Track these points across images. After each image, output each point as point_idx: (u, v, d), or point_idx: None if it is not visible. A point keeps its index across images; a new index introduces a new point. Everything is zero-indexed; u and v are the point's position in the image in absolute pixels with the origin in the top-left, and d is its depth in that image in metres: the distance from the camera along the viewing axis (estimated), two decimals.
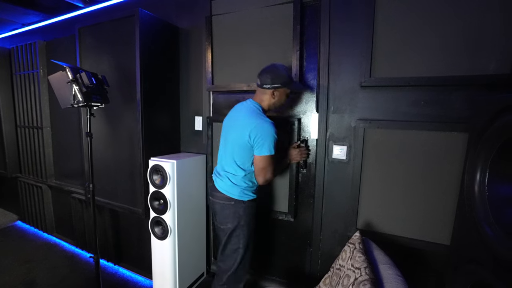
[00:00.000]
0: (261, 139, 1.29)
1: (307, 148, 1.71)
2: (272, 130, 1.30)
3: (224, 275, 1.45)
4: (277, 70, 1.36)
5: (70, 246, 2.64)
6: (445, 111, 1.32)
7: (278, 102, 1.41)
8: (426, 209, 1.38)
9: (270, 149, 1.31)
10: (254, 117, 1.33)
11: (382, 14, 1.40)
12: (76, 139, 2.41)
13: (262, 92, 1.39)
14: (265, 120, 1.32)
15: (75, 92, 1.37)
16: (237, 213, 1.39)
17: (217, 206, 1.44)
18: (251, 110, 1.37)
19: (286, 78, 1.37)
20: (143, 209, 1.85)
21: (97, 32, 1.93)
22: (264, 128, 1.29)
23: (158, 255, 1.83)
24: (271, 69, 1.37)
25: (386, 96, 1.45)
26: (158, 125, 1.92)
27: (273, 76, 1.34)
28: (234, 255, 1.42)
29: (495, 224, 0.82)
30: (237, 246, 1.42)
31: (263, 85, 1.36)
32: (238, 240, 1.41)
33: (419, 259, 1.45)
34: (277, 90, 1.37)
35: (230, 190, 1.40)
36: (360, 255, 1.13)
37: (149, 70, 1.79)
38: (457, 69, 1.28)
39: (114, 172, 1.98)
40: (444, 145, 1.32)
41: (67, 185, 2.57)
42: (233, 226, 1.40)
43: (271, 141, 1.30)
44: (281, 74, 1.35)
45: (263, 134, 1.29)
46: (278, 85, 1.35)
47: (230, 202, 1.40)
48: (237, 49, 1.83)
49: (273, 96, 1.38)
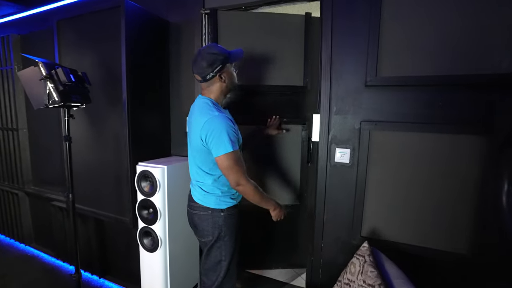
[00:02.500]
0: (214, 137, 1.12)
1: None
2: (223, 123, 1.13)
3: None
4: (208, 53, 1.17)
5: (50, 258, 2.44)
6: (458, 112, 1.24)
7: (230, 82, 1.26)
8: (438, 216, 1.31)
9: (227, 146, 1.12)
10: (203, 114, 1.18)
11: (388, 10, 1.32)
12: (56, 142, 2.22)
13: (209, 84, 1.23)
14: (213, 115, 1.15)
15: (49, 90, 1.20)
16: (217, 223, 1.26)
17: (196, 218, 1.32)
18: (201, 108, 1.22)
19: (222, 54, 1.19)
20: (131, 219, 1.70)
21: (78, 25, 1.76)
22: (213, 124, 1.13)
23: (148, 268, 1.68)
24: (201, 55, 1.18)
25: (393, 96, 1.36)
26: (146, 127, 1.78)
27: (209, 60, 1.16)
28: (218, 268, 1.30)
29: None
30: (219, 259, 1.29)
31: (206, 76, 1.19)
32: (220, 252, 1.28)
33: (433, 269, 1.36)
34: (223, 71, 1.20)
35: (204, 199, 1.28)
36: (372, 269, 1.04)
37: (136, 67, 1.64)
38: (469, 68, 1.20)
39: (98, 179, 1.82)
40: (457, 149, 1.24)
41: (47, 192, 2.37)
42: (214, 238, 1.27)
43: (226, 136, 1.12)
44: (214, 53, 1.18)
45: (214, 131, 1.12)
46: (220, 65, 1.18)
47: (207, 212, 1.27)
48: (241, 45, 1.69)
49: (222, 79, 1.22)
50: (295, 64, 1.94)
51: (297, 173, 2.09)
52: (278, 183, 2.09)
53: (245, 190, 1.20)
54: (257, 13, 1.85)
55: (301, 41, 1.91)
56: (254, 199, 1.23)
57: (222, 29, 1.80)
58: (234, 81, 1.29)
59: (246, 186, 1.18)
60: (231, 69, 1.27)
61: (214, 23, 1.77)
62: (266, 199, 1.27)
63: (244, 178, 1.17)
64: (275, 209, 1.33)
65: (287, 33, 1.89)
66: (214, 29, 1.77)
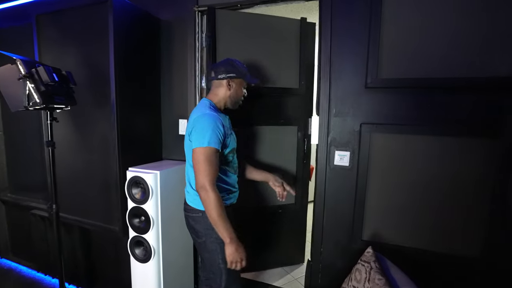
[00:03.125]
0: (197, 130, 1.12)
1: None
2: (210, 120, 1.12)
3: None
4: (232, 63, 1.26)
5: (30, 271, 2.27)
6: (458, 115, 1.25)
7: (234, 95, 1.27)
8: (442, 218, 1.30)
9: (204, 140, 1.09)
10: (197, 111, 1.20)
11: (389, 11, 1.30)
12: (37, 146, 2.05)
13: (217, 85, 1.26)
14: (205, 112, 1.16)
15: (29, 91, 1.09)
16: (208, 225, 1.16)
17: (190, 221, 1.28)
18: (198, 107, 1.24)
19: (242, 70, 1.27)
20: (121, 227, 1.60)
21: (61, 20, 1.63)
22: (201, 119, 1.13)
23: (139, 280, 1.58)
24: (226, 61, 1.28)
25: (394, 98, 1.35)
26: (136, 130, 1.68)
27: (228, 67, 1.25)
28: (218, 272, 1.24)
29: None
30: (217, 262, 1.22)
31: (218, 75, 1.24)
32: (217, 256, 1.21)
33: (439, 273, 1.35)
34: (233, 80, 1.25)
35: (195, 201, 1.23)
36: (379, 277, 1.01)
37: (125, 67, 1.54)
38: (469, 70, 1.21)
39: (85, 185, 1.70)
40: (459, 151, 1.24)
41: (26, 200, 2.20)
42: (208, 240, 1.21)
43: (208, 132, 1.09)
44: (236, 66, 1.26)
45: (200, 124, 1.12)
46: (234, 74, 1.24)
47: (198, 214, 1.21)
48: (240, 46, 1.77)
49: (229, 87, 1.25)
50: (291, 67, 1.98)
51: (293, 172, 2.11)
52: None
53: (204, 197, 1.09)
54: (255, 14, 1.84)
55: (297, 45, 1.96)
56: (210, 213, 1.09)
57: (220, 29, 1.75)
58: (238, 96, 1.30)
59: (208, 193, 1.08)
60: (242, 86, 1.29)
61: (212, 22, 1.72)
62: (225, 223, 1.09)
63: (210, 183, 1.09)
64: (231, 245, 1.09)
65: (283, 37, 1.92)
66: (212, 28, 1.72)
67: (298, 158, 2.09)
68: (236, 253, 1.10)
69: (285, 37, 1.92)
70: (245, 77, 1.29)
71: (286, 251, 2.25)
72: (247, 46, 1.84)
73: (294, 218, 2.20)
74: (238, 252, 1.10)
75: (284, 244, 2.23)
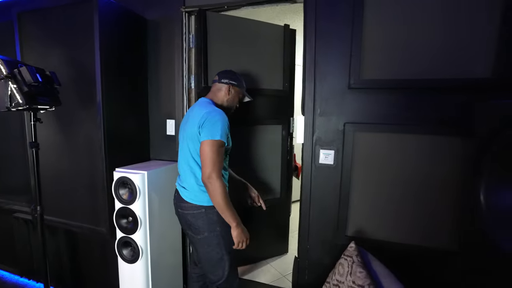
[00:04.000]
0: (209, 123, 1.20)
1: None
2: (222, 116, 1.23)
3: (214, 285, 1.35)
4: (236, 74, 1.43)
5: (12, 276, 2.20)
6: (435, 114, 1.31)
7: (231, 101, 1.41)
8: (421, 213, 1.36)
9: (215, 133, 1.18)
10: (205, 108, 1.28)
11: (371, 13, 1.35)
12: (18, 147, 2.00)
13: (218, 88, 1.39)
14: (215, 109, 1.27)
15: (12, 91, 1.07)
16: (211, 219, 1.27)
17: (189, 217, 1.30)
18: (202, 105, 1.33)
19: (242, 83, 1.43)
20: (108, 229, 1.59)
21: (43, 19, 1.60)
22: (213, 114, 1.22)
23: (128, 280, 1.58)
24: (231, 71, 1.44)
25: (375, 98, 1.40)
26: (123, 130, 1.67)
27: (232, 76, 1.40)
28: (222, 264, 1.31)
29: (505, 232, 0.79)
30: (221, 255, 1.30)
31: (221, 80, 1.38)
32: (220, 249, 1.29)
33: (421, 267, 1.41)
34: (233, 88, 1.39)
35: (197, 198, 1.27)
36: (361, 270, 1.06)
37: (111, 67, 1.53)
38: (445, 72, 1.27)
39: (70, 187, 1.67)
40: (436, 149, 1.31)
41: (8, 203, 2.13)
42: (210, 235, 1.28)
43: (219, 126, 1.19)
44: (239, 78, 1.42)
45: (212, 118, 1.21)
46: (235, 83, 1.39)
47: (201, 210, 1.27)
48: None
49: (228, 92, 1.38)
50: (276, 70, 2.11)
51: (278, 168, 2.24)
52: (260, 177, 2.20)
53: (213, 187, 1.17)
54: (244, 19, 1.92)
55: (281, 49, 2.10)
56: (219, 201, 1.18)
57: (210, 32, 1.81)
58: (233, 103, 1.43)
59: (216, 182, 1.16)
60: (239, 96, 1.43)
61: (203, 25, 1.76)
62: (231, 209, 1.22)
63: (217, 173, 1.17)
64: (238, 227, 1.23)
65: (269, 41, 2.05)
66: (203, 30, 1.77)
67: (283, 153, 2.24)
68: (242, 234, 1.25)
69: (270, 42, 2.05)
70: (243, 90, 1.44)
71: (270, 244, 2.37)
72: (235, 49, 1.92)
73: (278, 211, 2.33)
74: (244, 233, 1.26)
75: (268, 236, 2.33)
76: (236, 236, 1.24)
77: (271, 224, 2.30)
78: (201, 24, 1.75)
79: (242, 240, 1.25)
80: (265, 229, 2.26)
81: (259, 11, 1.88)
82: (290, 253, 2.44)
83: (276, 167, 2.24)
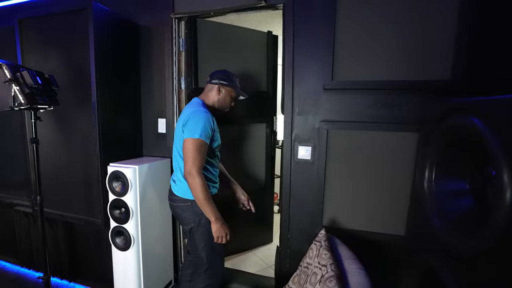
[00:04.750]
0: (191, 122, 1.28)
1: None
2: (204, 116, 1.30)
3: (200, 271, 1.47)
4: (227, 74, 1.47)
5: (13, 267, 2.33)
6: (399, 113, 1.44)
7: (222, 101, 1.47)
8: (384, 204, 1.50)
9: (196, 132, 1.25)
10: (192, 107, 1.37)
11: (342, 18, 1.48)
12: (19, 144, 2.13)
13: (210, 88, 1.46)
14: (200, 109, 1.35)
15: (15, 93, 1.20)
16: (197, 212, 1.36)
17: (177, 210, 1.43)
18: (192, 104, 1.43)
19: (234, 82, 1.47)
20: (102, 219, 1.71)
21: (42, 25, 1.73)
22: (196, 114, 1.30)
23: (121, 267, 1.71)
24: (222, 71, 1.49)
25: (347, 98, 1.53)
26: (117, 129, 1.79)
27: (223, 75, 1.45)
28: (203, 253, 1.42)
29: (440, 216, 0.92)
30: (203, 245, 1.40)
31: (213, 80, 1.45)
32: (203, 238, 1.39)
33: (380, 251, 1.55)
34: (224, 87, 1.45)
35: (185, 192, 1.38)
36: (326, 252, 1.18)
37: (106, 69, 1.66)
38: (408, 74, 1.40)
39: (68, 181, 1.80)
40: (399, 144, 1.44)
41: (9, 197, 2.26)
42: (195, 225, 1.39)
43: (201, 125, 1.27)
44: (230, 77, 1.47)
45: (194, 118, 1.29)
46: (225, 83, 1.44)
47: (187, 203, 1.38)
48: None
49: (219, 92, 1.45)
50: (260, 72, 2.28)
51: (263, 162, 2.43)
52: (247, 170, 2.37)
53: (193, 183, 1.25)
54: (231, 25, 2.08)
55: (264, 54, 2.27)
56: (198, 196, 1.26)
57: (200, 36, 1.96)
58: (225, 103, 1.49)
59: (196, 178, 1.24)
60: (231, 95, 1.48)
61: (193, 30, 1.91)
62: (211, 204, 1.28)
63: (197, 170, 1.25)
64: (216, 222, 1.28)
65: (254, 46, 2.22)
66: (193, 35, 1.92)
67: (267, 149, 2.46)
68: (221, 229, 1.30)
69: (255, 47, 2.23)
70: (235, 88, 1.48)
71: (255, 234, 2.53)
72: (223, 53, 2.08)
73: (263, 202, 2.48)
74: (223, 228, 1.31)
75: (254, 227, 2.48)
76: (216, 231, 1.30)
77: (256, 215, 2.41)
78: (191, 29, 1.89)
79: (221, 235, 1.31)
80: (250, 220, 2.36)
81: (245, 18, 2.03)
82: (275, 242, 2.59)
83: (261, 161, 2.42)
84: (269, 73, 2.31)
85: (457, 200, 0.90)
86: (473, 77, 1.29)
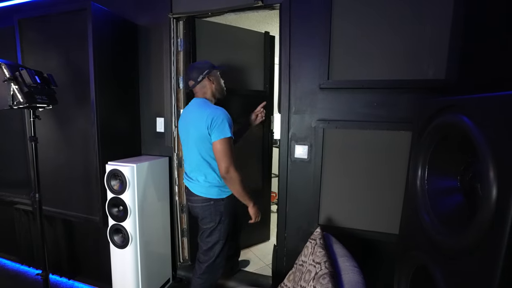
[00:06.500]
0: (217, 123, 1.33)
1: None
2: (226, 115, 1.37)
3: (204, 265, 1.51)
4: (197, 65, 1.49)
5: (13, 264, 2.35)
6: (394, 112, 1.45)
7: (217, 85, 1.52)
8: (379, 202, 1.51)
9: (226, 132, 1.33)
10: (205, 108, 1.40)
11: (338, 18, 1.49)
12: (19, 143, 2.15)
13: (201, 86, 1.48)
14: (217, 107, 1.40)
15: (14, 92, 1.22)
16: (218, 211, 1.45)
17: (198, 209, 1.47)
18: (200, 105, 1.44)
19: (207, 65, 1.49)
20: (101, 217, 1.73)
21: (42, 25, 1.75)
22: (218, 114, 1.35)
23: (119, 265, 1.72)
24: (193, 67, 1.50)
25: (343, 97, 1.54)
26: (116, 127, 1.81)
27: (198, 68, 1.47)
28: (215, 247, 1.48)
29: (432, 213, 0.93)
30: (217, 239, 1.48)
31: (197, 79, 1.46)
32: (219, 235, 1.47)
33: (374, 249, 1.57)
34: (209, 75, 1.48)
35: (207, 191, 1.43)
36: (320, 250, 1.19)
37: (104, 69, 1.67)
38: (403, 73, 1.41)
39: (67, 179, 1.82)
40: (394, 143, 1.45)
41: (9, 196, 2.28)
42: (216, 224, 1.45)
43: (226, 124, 1.34)
44: (203, 64, 1.49)
45: (218, 118, 1.34)
46: (207, 70, 1.47)
47: (209, 202, 1.43)
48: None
49: (211, 82, 1.48)
50: (258, 72, 2.31)
51: (260, 160, 2.45)
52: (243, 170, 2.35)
53: (233, 179, 1.35)
54: (229, 26, 2.10)
55: (262, 54, 2.29)
56: (238, 189, 1.39)
57: (199, 36, 1.98)
58: (221, 84, 1.55)
59: (235, 173, 1.34)
60: (218, 74, 1.54)
61: (192, 30, 1.93)
62: (248, 193, 1.44)
63: (234, 166, 1.35)
64: (254, 206, 1.49)
65: (252, 46, 2.24)
66: (192, 35, 1.94)
67: (264, 147, 2.46)
68: (258, 211, 1.52)
69: (253, 47, 2.26)
70: (214, 67, 1.51)
71: (253, 232, 2.54)
72: (222, 53, 2.10)
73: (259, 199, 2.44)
74: (259, 210, 1.53)
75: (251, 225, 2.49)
76: (254, 213, 1.50)
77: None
78: (190, 29, 1.91)
79: (258, 215, 1.52)
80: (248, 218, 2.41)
81: (244, 18, 2.04)
82: (272, 240, 2.61)
83: (258, 159, 2.45)
84: (266, 72, 2.34)
85: (449, 197, 0.91)
86: (467, 76, 1.30)
